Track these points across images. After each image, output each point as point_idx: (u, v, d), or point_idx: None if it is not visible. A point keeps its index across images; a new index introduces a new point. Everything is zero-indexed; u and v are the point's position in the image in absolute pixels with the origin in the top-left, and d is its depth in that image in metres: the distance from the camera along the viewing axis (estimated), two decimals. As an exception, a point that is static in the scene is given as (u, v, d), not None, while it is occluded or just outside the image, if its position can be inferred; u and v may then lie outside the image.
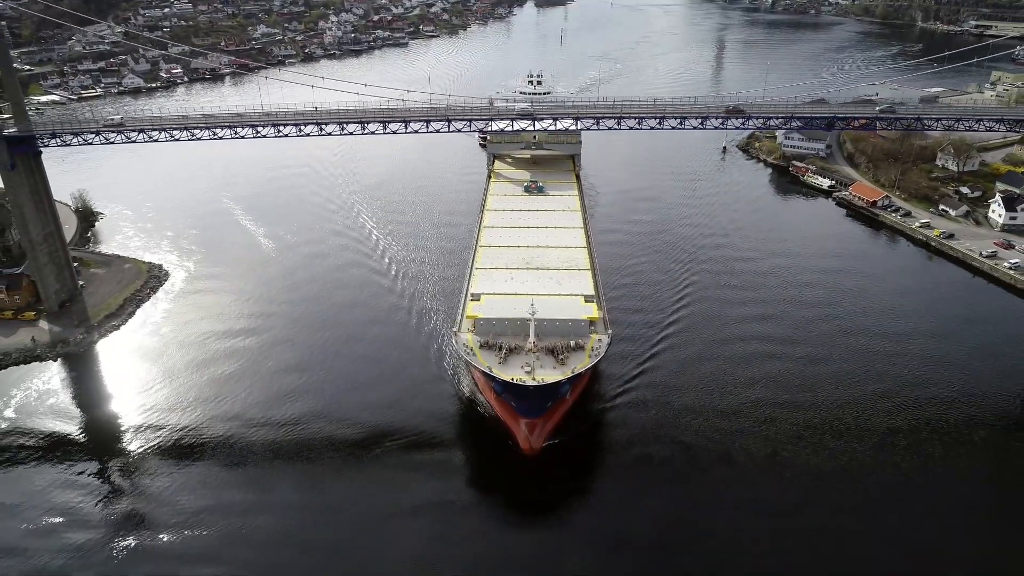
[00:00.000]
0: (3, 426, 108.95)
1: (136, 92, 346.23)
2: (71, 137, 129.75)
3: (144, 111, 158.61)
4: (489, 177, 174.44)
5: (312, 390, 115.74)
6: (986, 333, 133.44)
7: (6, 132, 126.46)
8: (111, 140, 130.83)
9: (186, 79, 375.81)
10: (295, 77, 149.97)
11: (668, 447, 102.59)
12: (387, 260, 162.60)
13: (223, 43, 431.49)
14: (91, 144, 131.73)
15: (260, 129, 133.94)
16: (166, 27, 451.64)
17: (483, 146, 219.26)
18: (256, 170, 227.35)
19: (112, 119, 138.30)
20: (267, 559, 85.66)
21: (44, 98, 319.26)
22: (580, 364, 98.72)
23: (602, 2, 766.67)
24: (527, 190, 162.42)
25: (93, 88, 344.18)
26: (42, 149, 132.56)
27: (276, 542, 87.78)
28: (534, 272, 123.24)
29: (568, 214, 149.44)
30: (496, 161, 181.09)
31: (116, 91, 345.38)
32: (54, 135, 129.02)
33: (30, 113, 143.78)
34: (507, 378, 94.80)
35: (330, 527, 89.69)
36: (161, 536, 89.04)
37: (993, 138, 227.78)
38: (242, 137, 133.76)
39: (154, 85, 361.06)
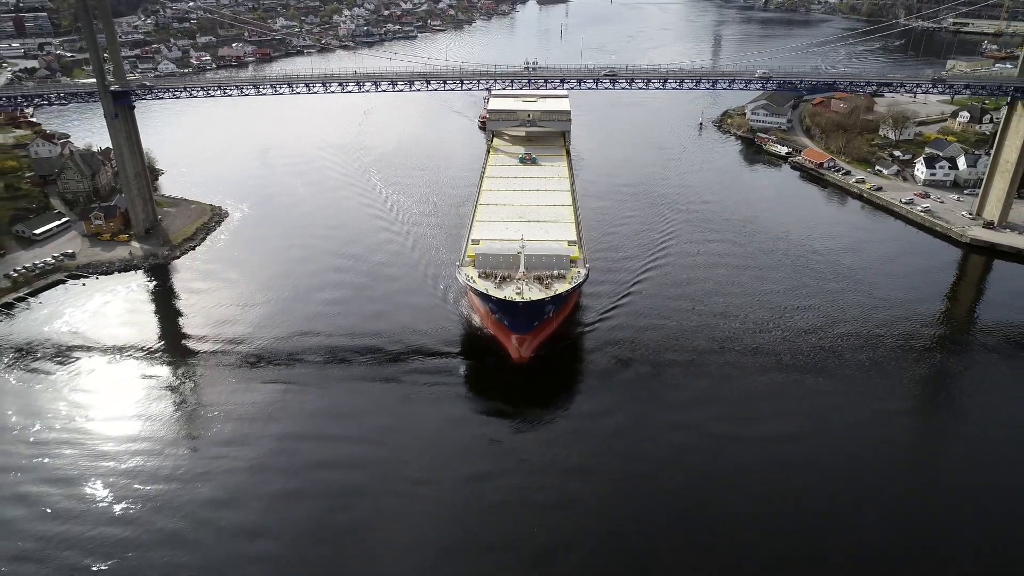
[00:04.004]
0: (112, 315, 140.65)
1: (170, 77, 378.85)
2: (163, 92, 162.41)
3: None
4: (488, 152, 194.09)
5: (346, 306, 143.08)
6: (891, 253, 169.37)
7: (112, 88, 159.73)
8: (195, 95, 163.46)
9: (214, 66, 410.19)
10: (337, 53, 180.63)
11: (635, 355, 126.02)
12: (395, 210, 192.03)
13: (246, 34, 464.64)
14: (178, 98, 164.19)
15: (312, 86, 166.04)
16: (193, 19, 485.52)
17: (482, 128, 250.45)
18: (288, 139, 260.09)
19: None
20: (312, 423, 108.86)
21: (87, 81, 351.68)
22: (562, 288, 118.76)
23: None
24: (522, 161, 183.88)
25: (131, 73, 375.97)
26: (136, 103, 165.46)
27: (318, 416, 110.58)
28: (526, 223, 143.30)
29: (558, 180, 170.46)
30: (495, 138, 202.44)
31: (152, 75, 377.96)
32: (150, 90, 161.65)
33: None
34: (500, 296, 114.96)
35: (362, 414, 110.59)
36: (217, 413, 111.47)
37: (932, 114, 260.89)
38: (298, 93, 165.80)
39: (186, 71, 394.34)
